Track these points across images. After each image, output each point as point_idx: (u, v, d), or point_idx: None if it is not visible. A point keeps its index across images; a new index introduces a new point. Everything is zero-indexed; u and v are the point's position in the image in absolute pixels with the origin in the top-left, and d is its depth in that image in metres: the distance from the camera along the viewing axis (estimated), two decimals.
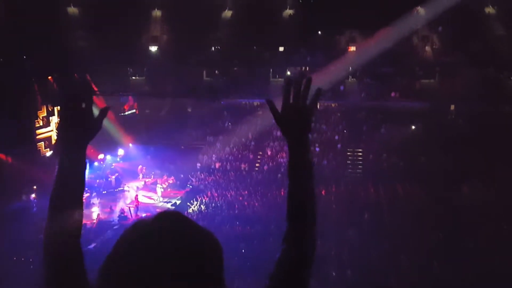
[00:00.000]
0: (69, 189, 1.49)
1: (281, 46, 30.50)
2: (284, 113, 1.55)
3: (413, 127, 27.51)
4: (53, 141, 25.58)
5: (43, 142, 24.97)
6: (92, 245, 17.26)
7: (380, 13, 25.64)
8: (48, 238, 1.46)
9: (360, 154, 26.47)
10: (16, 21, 23.78)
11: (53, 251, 1.45)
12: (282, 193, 22.48)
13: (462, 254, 15.75)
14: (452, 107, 28.09)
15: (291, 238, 1.48)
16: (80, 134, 1.52)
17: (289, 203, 1.53)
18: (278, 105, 1.58)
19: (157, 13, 30.76)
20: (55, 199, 1.49)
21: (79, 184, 1.53)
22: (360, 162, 26.10)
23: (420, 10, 28.53)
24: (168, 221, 1.19)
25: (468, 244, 16.47)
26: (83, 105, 1.50)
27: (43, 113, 24.98)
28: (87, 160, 1.55)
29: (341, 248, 16.76)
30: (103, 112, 1.56)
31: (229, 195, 22.59)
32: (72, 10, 28.99)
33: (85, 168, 1.53)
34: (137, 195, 21.69)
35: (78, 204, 1.52)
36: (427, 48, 29.80)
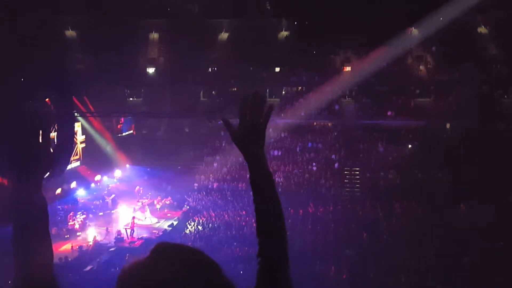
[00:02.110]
0: (31, 226, 1.40)
1: (277, 66, 30.83)
2: (239, 131, 1.61)
3: (410, 145, 27.62)
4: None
5: None
6: (89, 268, 17.03)
7: (374, 34, 26.06)
8: (19, 277, 1.38)
9: (357, 172, 26.47)
10: (13, 44, 23.98)
11: None
12: None
13: (460, 272, 15.62)
14: (448, 125, 28.29)
15: (263, 251, 1.53)
16: (36, 169, 1.45)
17: (256, 217, 1.59)
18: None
19: (154, 35, 31.15)
20: (18, 240, 1.40)
21: (42, 220, 1.43)
22: (358, 181, 26.08)
23: (414, 30, 29.02)
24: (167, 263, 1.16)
25: (466, 262, 16.35)
26: (40, 138, 1.45)
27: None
28: (44, 195, 1.46)
29: (340, 267, 16.59)
30: (61, 146, 1.53)
31: (226, 215, 22.45)
32: (70, 33, 29.34)
33: (45, 204, 1.44)
34: (134, 217, 21.52)
35: (44, 240, 1.42)
36: (422, 67, 30.21)
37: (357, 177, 26.30)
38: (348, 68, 29.96)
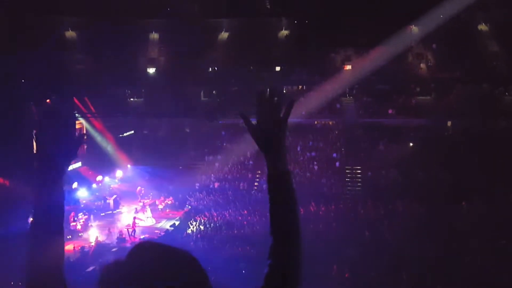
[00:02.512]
0: (49, 220, 1.45)
1: (278, 65, 30.80)
2: (259, 126, 1.56)
3: (411, 143, 27.58)
4: None
5: None
6: (91, 268, 17.04)
7: (375, 32, 26.02)
8: (30, 271, 1.41)
9: (359, 171, 26.46)
10: (14, 44, 24.00)
11: (37, 284, 1.40)
12: None
13: (462, 271, 15.60)
14: (449, 123, 28.24)
15: (275, 253, 1.49)
16: (58, 162, 1.49)
17: (271, 217, 1.54)
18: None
19: (154, 35, 31.13)
20: (35, 231, 1.44)
21: (59, 214, 1.48)
22: (359, 180, 26.06)
23: (414, 28, 28.96)
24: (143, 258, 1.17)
25: (468, 261, 16.33)
26: (61, 132, 1.49)
27: None
28: (65, 189, 1.51)
29: (342, 266, 16.58)
30: (80, 139, 1.56)
31: (228, 215, 22.45)
32: (71, 33, 29.33)
33: (63, 198, 1.49)
34: (135, 217, 21.54)
35: (59, 235, 1.47)
36: (422, 65, 30.14)
37: (359, 175, 26.28)
38: (348, 67, 29.90)
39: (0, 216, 19.25)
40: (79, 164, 27.14)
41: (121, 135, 30.23)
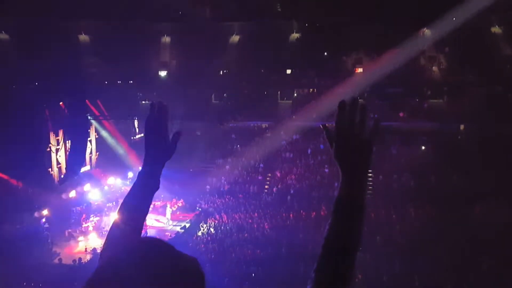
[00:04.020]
0: (138, 204, 1.63)
1: (289, 68, 30.79)
2: (341, 142, 1.36)
3: (423, 147, 27.32)
4: (63, 167, 25.81)
5: (53, 167, 25.21)
6: None
7: (386, 35, 25.88)
8: (108, 240, 1.58)
9: (370, 175, 26.28)
10: (28, 48, 24.36)
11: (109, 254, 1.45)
12: (291, 215, 22.32)
13: (475, 276, 15.40)
14: (462, 126, 27.91)
15: (320, 282, 1.29)
16: (159, 156, 1.70)
17: (325, 245, 1.32)
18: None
19: (166, 39, 31.37)
20: (123, 209, 1.63)
21: (147, 200, 1.66)
22: (370, 184, 25.87)
23: (427, 31, 28.74)
24: (141, 253, 1.10)
25: (482, 265, 16.10)
26: (162, 129, 1.69)
27: (54, 139, 25.29)
28: (160, 180, 1.68)
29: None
30: (177, 136, 1.73)
31: (238, 218, 22.46)
32: (84, 37, 29.69)
33: (157, 188, 1.67)
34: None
35: (142, 216, 1.64)
36: (435, 68, 29.88)
37: (370, 180, 26.11)
38: (360, 70, 29.78)
39: (8, 216, 19.49)
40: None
41: (132, 138, 30.45)
